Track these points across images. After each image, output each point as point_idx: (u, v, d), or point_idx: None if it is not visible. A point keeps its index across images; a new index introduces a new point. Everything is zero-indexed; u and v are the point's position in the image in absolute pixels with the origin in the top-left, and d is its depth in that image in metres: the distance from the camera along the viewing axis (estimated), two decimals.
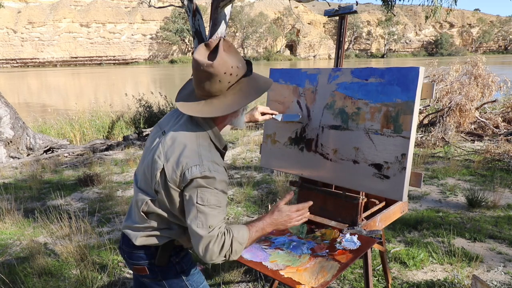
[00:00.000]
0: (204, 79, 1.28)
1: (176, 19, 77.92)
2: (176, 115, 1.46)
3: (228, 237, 1.25)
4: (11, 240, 3.59)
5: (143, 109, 10.62)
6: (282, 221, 1.39)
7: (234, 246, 1.26)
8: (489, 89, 7.39)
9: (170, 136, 1.35)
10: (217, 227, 1.25)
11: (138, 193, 1.41)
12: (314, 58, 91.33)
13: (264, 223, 1.37)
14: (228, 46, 1.30)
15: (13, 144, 7.28)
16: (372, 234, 1.81)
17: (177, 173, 1.27)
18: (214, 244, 1.23)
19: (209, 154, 1.31)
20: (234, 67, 1.30)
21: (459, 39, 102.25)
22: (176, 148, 1.31)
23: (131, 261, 1.46)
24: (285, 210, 1.40)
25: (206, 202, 1.24)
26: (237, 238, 1.27)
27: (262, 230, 1.37)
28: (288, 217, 1.39)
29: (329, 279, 1.43)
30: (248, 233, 1.32)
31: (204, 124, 1.36)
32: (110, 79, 39.53)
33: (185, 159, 1.27)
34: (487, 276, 2.65)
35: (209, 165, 1.26)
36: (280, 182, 4.48)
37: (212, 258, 1.24)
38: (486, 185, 4.45)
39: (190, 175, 1.24)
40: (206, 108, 1.32)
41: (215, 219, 1.25)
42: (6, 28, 71.93)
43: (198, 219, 1.24)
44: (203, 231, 1.23)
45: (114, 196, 4.67)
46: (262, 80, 1.42)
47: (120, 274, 2.87)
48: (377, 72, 1.70)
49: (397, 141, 1.61)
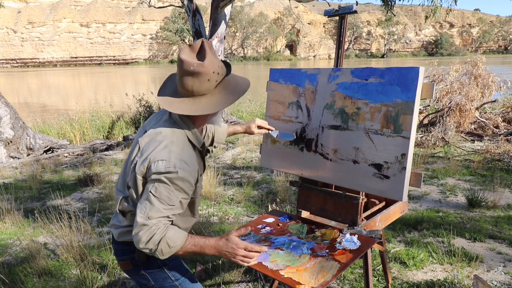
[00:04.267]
0: (193, 78, 1.32)
1: (176, 19, 77.90)
2: (158, 115, 1.51)
3: (159, 233, 1.26)
4: (11, 240, 3.59)
5: (143, 109, 10.62)
6: (225, 252, 1.34)
7: (162, 244, 1.27)
8: (489, 89, 7.40)
9: (148, 133, 1.41)
10: (155, 219, 1.27)
11: (116, 194, 1.50)
12: (314, 58, 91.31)
13: (206, 243, 1.34)
14: (210, 47, 1.35)
15: (13, 144, 7.28)
16: (372, 234, 1.81)
17: (144, 165, 1.32)
18: (144, 233, 1.25)
19: (180, 152, 1.34)
20: (220, 66, 1.37)
21: (459, 39, 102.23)
22: (151, 144, 1.36)
23: (117, 257, 1.53)
24: (233, 242, 1.35)
25: (157, 194, 1.28)
26: (168, 239, 1.27)
27: (201, 248, 1.34)
28: (232, 251, 1.34)
29: (329, 279, 1.43)
30: (184, 241, 1.32)
31: (181, 123, 1.41)
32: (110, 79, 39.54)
33: (154, 153, 1.32)
34: (487, 276, 2.65)
35: (176, 162, 1.30)
36: (280, 182, 4.48)
37: (138, 245, 1.27)
38: (486, 185, 4.45)
39: (155, 169, 1.29)
40: (194, 106, 1.36)
41: (158, 213, 1.28)
42: (6, 28, 71.90)
43: (143, 205, 1.29)
44: (141, 218, 1.27)
45: (114, 196, 4.67)
46: (240, 79, 1.47)
47: (120, 274, 2.87)
48: (377, 72, 1.70)
49: (397, 141, 1.61)
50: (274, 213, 2.12)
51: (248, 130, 1.96)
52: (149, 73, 47.89)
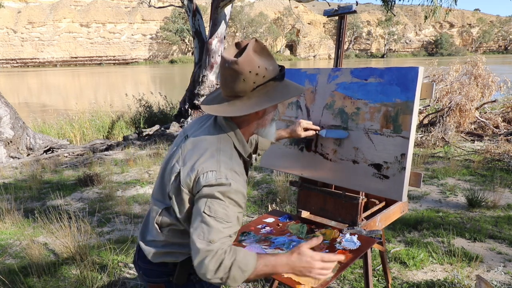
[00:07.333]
0: (229, 77, 1.22)
1: (176, 19, 77.92)
2: (201, 120, 1.38)
3: (228, 258, 1.11)
4: (11, 240, 3.59)
5: (143, 109, 10.63)
6: (300, 268, 1.19)
7: (233, 270, 1.11)
8: (489, 89, 7.40)
9: (191, 140, 1.28)
10: (218, 242, 1.12)
11: (153, 204, 1.33)
12: (314, 58, 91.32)
13: (277, 261, 1.18)
14: (261, 48, 1.22)
15: (13, 144, 7.28)
16: (372, 234, 1.81)
17: (191, 177, 1.18)
18: (210, 260, 1.10)
19: (229, 161, 1.22)
20: (262, 67, 1.20)
21: (459, 39, 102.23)
22: (195, 152, 1.23)
23: (147, 277, 1.36)
24: (307, 255, 1.19)
25: (213, 213, 1.14)
26: (238, 263, 1.12)
27: (273, 267, 1.17)
28: (308, 265, 1.19)
29: (329, 279, 1.43)
30: (256, 263, 1.15)
31: (227, 128, 1.28)
32: (110, 79, 39.54)
33: (202, 163, 1.19)
34: (487, 276, 2.65)
35: (227, 173, 1.17)
36: (280, 182, 4.48)
37: (206, 275, 1.11)
38: (486, 185, 4.45)
39: (205, 181, 1.15)
40: (228, 108, 1.24)
41: (219, 234, 1.13)
42: (6, 28, 71.90)
43: (200, 229, 1.13)
44: (202, 244, 1.12)
45: (114, 196, 4.67)
46: (293, 86, 1.31)
47: (120, 274, 2.87)
48: (376, 72, 1.70)
49: (397, 141, 1.61)
50: (274, 213, 2.11)
51: (294, 134, 1.80)
52: (149, 73, 47.90)
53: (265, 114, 1.31)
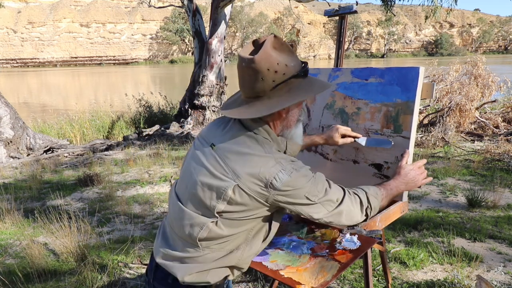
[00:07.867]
0: (247, 76, 1.14)
1: (176, 19, 77.96)
2: (218, 125, 1.29)
3: (362, 194, 1.27)
4: (11, 240, 3.59)
5: (143, 109, 10.63)
6: (412, 178, 1.40)
7: (371, 200, 1.27)
8: (489, 89, 7.40)
9: (227, 148, 1.18)
10: (342, 192, 1.24)
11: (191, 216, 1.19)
12: (314, 58, 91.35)
13: (395, 183, 1.38)
14: (280, 44, 1.15)
15: (13, 144, 7.28)
16: (372, 234, 1.81)
17: (261, 185, 1.13)
18: (352, 205, 1.24)
19: (282, 155, 1.19)
20: (281, 64, 1.12)
21: (459, 39, 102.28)
22: (241, 159, 1.15)
23: None
24: (408, 168, 1.42)
25: (315, 193, 1.18)
26: (370, 193, 1.28)
27: (396, 188, 1.37)
28: (419, 172, 1.41)
29: (329, 279, 1.43)
30: (380, 190, 1.32)
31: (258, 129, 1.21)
32: (110, 79, 39.55)
33: (263, 169, 1.13)
34: (487, 276, 2.65)
35: (291, 165, 1.16)
36: None
37: (358, 219, 1.28)
38: (486, 185, 4.45)
39: (281, 183, 1.12)
40: (247, 110, 1.17)
41: (336, 192, 1.23)
42: (6, 28, 71.94)
43: (323, 209, 1.21)
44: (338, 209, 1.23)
45: (114, 196, 4.67)
46: (318, 83, 1.22)
47: (120, 274, 2.87)
48: (377, 72, 1.70)
49: (397, 141, 1.61)
50: None
51: (331, 141, 1.68)
52: (149, 73, 47.91)
53: (289, 114, 1.24)
